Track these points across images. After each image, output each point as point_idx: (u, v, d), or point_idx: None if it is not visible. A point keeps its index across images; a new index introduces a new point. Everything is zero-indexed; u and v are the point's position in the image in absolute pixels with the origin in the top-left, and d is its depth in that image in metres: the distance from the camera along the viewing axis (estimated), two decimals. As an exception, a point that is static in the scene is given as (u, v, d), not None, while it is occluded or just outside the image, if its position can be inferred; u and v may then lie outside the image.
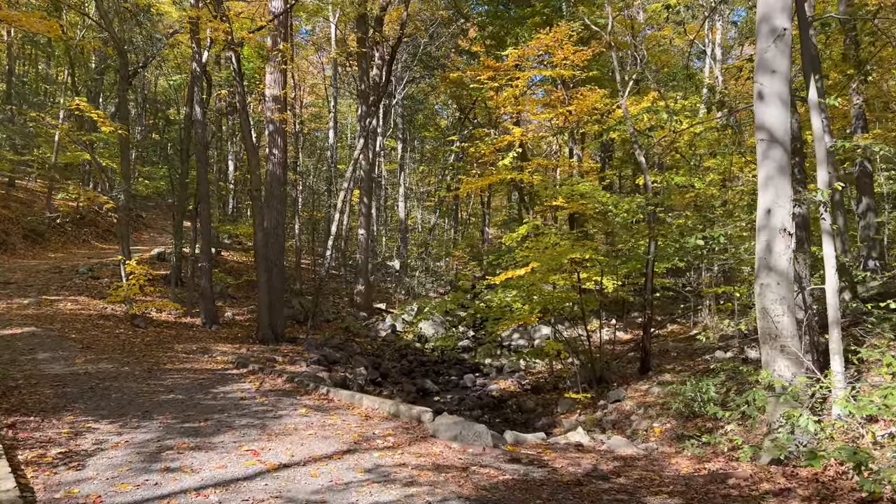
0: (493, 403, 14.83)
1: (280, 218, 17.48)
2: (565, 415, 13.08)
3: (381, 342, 20.51)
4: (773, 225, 6.76)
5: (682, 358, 15.70)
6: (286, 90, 17.10)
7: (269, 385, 10.71)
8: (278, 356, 14.60)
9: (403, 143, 34.22)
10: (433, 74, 34.41)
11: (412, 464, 6.43)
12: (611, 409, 12.21)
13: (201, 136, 18.32)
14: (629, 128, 15.45)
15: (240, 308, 21.85)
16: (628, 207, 11.46)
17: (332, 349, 16.61)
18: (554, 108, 15.41)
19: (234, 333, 18.21)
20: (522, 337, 22.37)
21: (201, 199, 18.50)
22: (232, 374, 11.68)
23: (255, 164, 16.43)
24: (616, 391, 12.66)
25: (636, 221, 16.86)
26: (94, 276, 21.40)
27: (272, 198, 17.20)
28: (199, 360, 13.01)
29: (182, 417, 8.17)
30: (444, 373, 18.63)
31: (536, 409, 13.98)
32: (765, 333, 6.92)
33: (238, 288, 23.84)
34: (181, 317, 19.39)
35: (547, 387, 15.64)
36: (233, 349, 14.93)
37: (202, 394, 9.74)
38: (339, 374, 14.62)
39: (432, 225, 34.42)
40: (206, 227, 18.58)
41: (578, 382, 14.68)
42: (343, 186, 19.43)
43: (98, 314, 17.38)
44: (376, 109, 21.72)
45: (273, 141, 17.29)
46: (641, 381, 13.91)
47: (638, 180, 17.21)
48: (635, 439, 10.44)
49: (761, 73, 6.94)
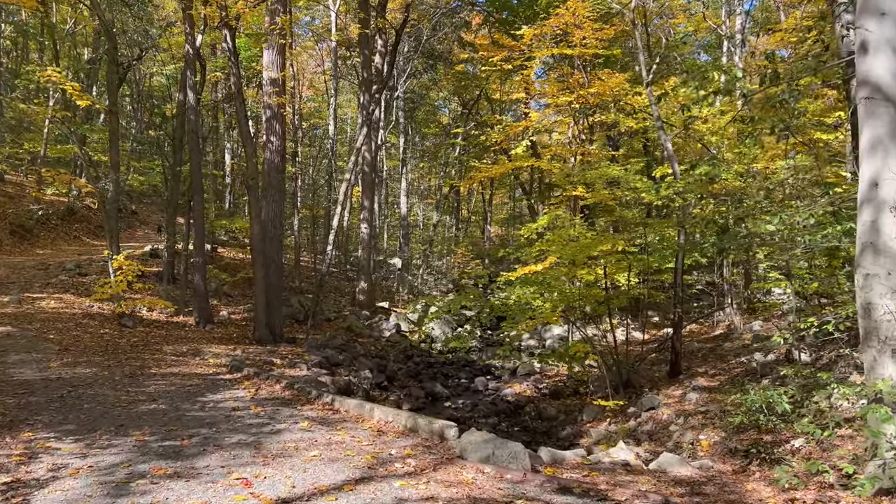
0: (510, 410, 13.52)
1: (278, 210, 16.15)
2: (592, 423, 11.78)
3: (386, 343, 19.19)
4: (882, 199, 5.46)
5: (713, 360, 14.42)
6: (285, 72, 15.78)
7: (265, 392, 9.39)
8: (276, 358, 13.29)
9: (405, 137, 32.88)
10: (435, 68, 33.13)
11: (443, 497, 5.12)
12: (645, 417, 10.90)
13: (194, 123, 16.98)
14: (654, 111, 14.19)
15: (236, 307, 20.52)
16: (665, 193, 10.14)
17: (334, 350, 15.29)
18: (572, 92, 14.11)
19: (230, 333, 16.89)
20: (532, 337, 21.09)
21: (194, 191, 17.17)
22: (224, 379, 10.35)
23: (252, 151, 15.11)
24: (649, 397, 11.35)
25: (657, 213, 15.59)
26: (82, 273, 20.05)
27: (270, 188, 15.87)
28: (188, 363, 11.68)
29: (162, 433, 6.85)
30: (454, 375, 17.32)
31: (558, 416, 12.68)
32: (870, 334, 5.62)
33: (234, 285, 22.50)
34: (173, 316, 18.05)
35: (566, 391, 14.33)
36: (227, 351, 13.61)
37: (189, 403, 8.41)
38: (343, 377, 13.30)
39: (436, 221, 33.08)
40: (200, 220, 17.25)
41: (603, 387, 13.39)
42: (345, 177, 18.11)
43: (83, 313, 16.03)
44: (380, 97, 20.40)
45: (271, 127, 15.96)
46: (673, 386, 12.61)
47: (656, 172, 15.95)
48: (680, 453, 9.15)
49: (866, 16, 5.64)
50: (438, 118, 42.25)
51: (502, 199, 57.30)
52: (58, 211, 29.38)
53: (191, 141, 17.10)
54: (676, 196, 10.15)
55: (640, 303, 19.28)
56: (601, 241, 10.66)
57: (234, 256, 25.76)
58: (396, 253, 33.17)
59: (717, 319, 19.21)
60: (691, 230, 13.84)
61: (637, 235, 13.84)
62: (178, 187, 19.58)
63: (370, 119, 20.37)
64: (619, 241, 10.67)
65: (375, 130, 23.83)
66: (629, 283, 12.81)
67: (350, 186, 19.43)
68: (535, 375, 15.89)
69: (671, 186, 9.92)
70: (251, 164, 15.02)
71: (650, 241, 12.70)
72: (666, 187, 10.10)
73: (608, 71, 15.00)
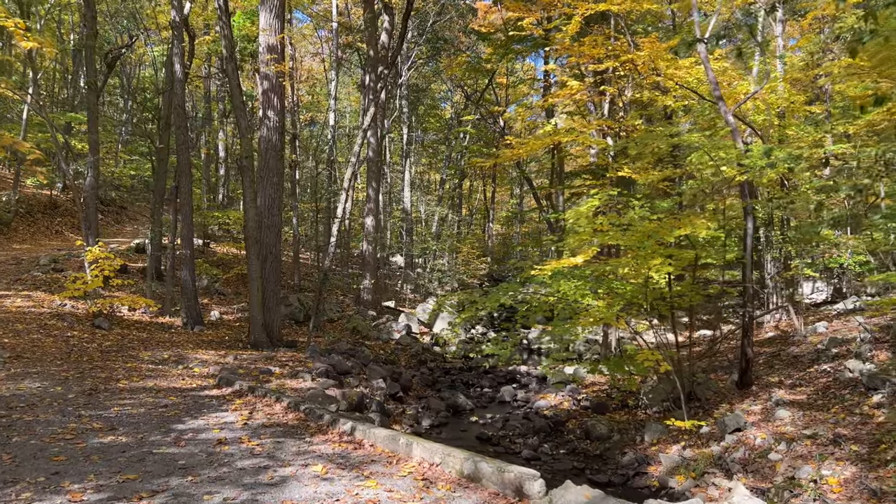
0: (549, 427, 11.27)
1: (276, 195, 13.88)
2: (658, 446, 9.55)
3: (396, 346, 16.93)
4: None
5: (781, 367, 12.24)
6: (283, 34, 13.49)
7: (262, 415, 7.13)
8: (275, 366, 11.03)
9: (409, 128, 30.60)
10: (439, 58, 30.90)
11: None
12: (731, 441, 8.68)
13: (180, 97, 14.70)
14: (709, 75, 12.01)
15: (229, 306, 18.22)
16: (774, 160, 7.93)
17: (341, 356, 13.03)
18: (616, 58, 11.90)
19: (221, 336, 14.61)
20: (553, 339, 18.88)
21: (181, 173, 14.88)
22: (211, 396, 8.08)
23: (245, 126, 12.84)
24: (733, 416, 9.12)
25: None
26: (58, 268, 17.68)
27: (267, 170, 13.60)
28: (168, 374, 9.40)
29: (113, 488, 4.59)
30: (474, 384, 15.07)
31: (611, 435, 10.44)
32: None
33: (228, 282, 20.19)
34: (157, 316, 15.75)
35: (612, 404, 12.13)
36: (217, 357, 11.33)
37: (160, 433, 6.15)
38: (354, 389, 11.04)
39: (444, 216, 30.83)
40: (188, 207, 14.95)
41: (660, 400, 11.18)
42: (350, 161, 15.86)
43: (52, 313, 13.71)
44: (387, 76, 18.14)
45: (268, 101, 13.69)
46: (747, 400, 10.41)
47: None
48: (799, 494, 6.96)
49: None
50: (440, 113, 40.00)
51: (504, 195, 55.11)
52: (39, 204, 27.03)
53: (177, 117, 14.82)
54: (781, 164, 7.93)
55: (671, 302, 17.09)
56: (680, 224, 8.45)
57: (228, 251, 23.42)
58: (399, 250, 30.89)
59: (757, 321, 17.05)
60: (765, 213, 11.70)
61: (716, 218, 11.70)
62: (165, 172, 17.25)
63: (377, 99, 18.14)
64: (700, 225, 8.46)
65: (382, 113, 21.57)
66: (694, 277, 10.60)
67: (355, 172, 17.17)
68: (571, 384, 13.66)
69: (779, 153, 7.69)
70: (245, 140, 12.75)
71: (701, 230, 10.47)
72: (766, 155, 7.87)
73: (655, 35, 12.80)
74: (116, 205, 31.91)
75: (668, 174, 11.38)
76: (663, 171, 11.13)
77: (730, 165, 9.31)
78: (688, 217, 9.10)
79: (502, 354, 11.19)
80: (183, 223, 15.05)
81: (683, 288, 9.74)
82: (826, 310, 16.57)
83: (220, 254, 22.93)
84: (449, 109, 39.55)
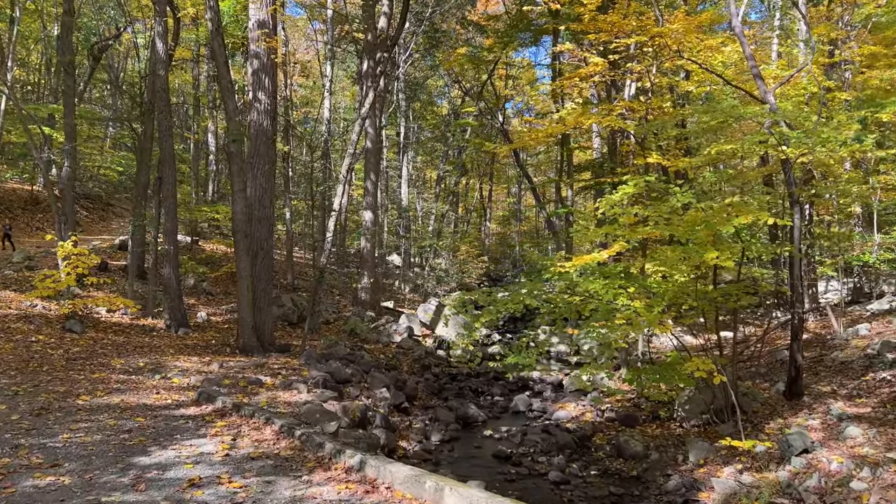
0: (574, 443, 9.89)
1: (268, 185, 12.47)
2: (707, 468, 8.20)
3: (397, 349, 15.54)
4: None
5: (827, 374, 10.94)
6: (275, 6, 12.06)
7: (248, 442, 5.72)
8: (265, 375, 9.63)
9: (406, 122, 29.17)
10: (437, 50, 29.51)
11: None
12: (798, 465, 7.33)
13: (163, 79, 13.27)
14: (745, 51, 10.71)
15: (217, 306, 16.77)
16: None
17: (339, 362, 11.62)
18: (645, 32, 10.58)
19: (207, 340, 13.18)
20: (563, 342, 17.54)
21: (164, 162, 13.43)
22: (187, 416, 6.66)
23: (233, 107, 11.42)
24: (798, 435, 7.76)
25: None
26: (31, 266, 16.20)
27: (257, 157, 12.18)
28: (141, 387, 7.97)
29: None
30: (484, 391, 13.71)
31: (647, 453, 9.08)
32: None
33: (216, 281, 18.74)
34: (139, 317, 14.32)
35: (641, 415, 10.78)
36: (200, 365, 9.91)
37: (116, 471, 4.75)
38: (355, 401, 9.65)
39: (444, 212, 29.44)
40: (172, 199, 13.51)
41: (698, 411, 9.84)
42: (348, 151, 14.46)
43: (19, 314, 12.25)
44: (386, 61, 16.75)
45: (258, 82, 12.27)
46: (802, 413, 9.09)
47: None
48: (905, 537, 5.66)
49: None
50: (437, 110, 38.59)
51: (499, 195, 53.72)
52: (19, 199, 25.50)
53: (160, 101, 13.38)
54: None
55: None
56: (740, 211, 7.11)
57: (217, 249, 21.95)
58: (396, 249, 29.47)
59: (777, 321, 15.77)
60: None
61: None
62: (149, 162, 15.80)
63: (376, 85, 16.74)
64: (764, 214, 7.12)
65: (380, 103, 20.17)
66: (739, 273, 9.27)
67: (353, 162, 15.77)
68: (592, 392, 12.30)
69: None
70: (233, 123, 11.33)
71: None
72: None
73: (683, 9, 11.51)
74: (102, 201, 30.35)
75: (705, 159, 10.04)
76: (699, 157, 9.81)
77: (769, 147, 7.97)
78: (744, 204, 7.76)
79: (526, 364, 9.79)
80: (167, 216, 13.60)
81: (730, 287, 8.39)
82: (855, 310, 15.35)
83: (209, 251, 21.46)
84: (446, 106, 38.20)
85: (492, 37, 25.43)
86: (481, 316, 8.90)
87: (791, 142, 7.88)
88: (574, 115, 10.97)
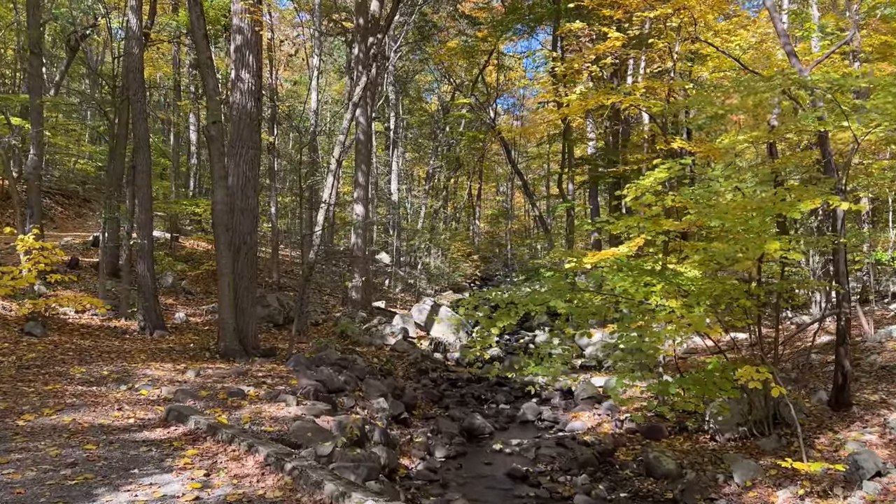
0: (595, 459, 8.73)
1: (252, 173, 11.21)
2: (756, 491, 7.06)
3: (391, 353, 14.33)
4: None
5: (871, 381, 9.89)
6: (262, -26, 10.83)
7: (225, 479, 4.49)
8: (249, 384, 8.39)
9: (396, 116, 27.92)
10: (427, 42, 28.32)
11: None
12: (872, 490, 6.22)
13: (137, 57, 11.97)
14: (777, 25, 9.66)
15: (197, 306, 15.45)
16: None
17: (331, 368, 10.38)
18: (670, 3, 9.48)
19: (185, 343, 11.89)
20: (564, 344, 16.37)
21: (137, 148, 12.13)
22: (151, 440, 5.41)
23: (214, 85, 10.16)
24: (868, 455, 6.66)
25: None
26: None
27: (240, 142, 10.92)
28: (101, 401, 6.70)
29: None
30: (487, 398, 12.54)
31: (682, 472, 7.94)
32: None
33: (197, 280, 17.41)
34: (111, 318, 12.98)
35: (666, 427, 9.66)
36: (174, 373, 8.65)
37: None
38: (353, 414, 8.44)
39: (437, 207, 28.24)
40: (146, 189, 12.20)
41: (734, 423, 8.72)
42: (338, 139, 13.24)
43: (-27, 315, 10.91)
44: (380, 42, 15.53)
45: (241, 59, 11.01)
46: (855, 426, 8.02)
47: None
48: None
49: None
50: (426, 106, 37.37)
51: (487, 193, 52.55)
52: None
53: (133, 82, 12.08)
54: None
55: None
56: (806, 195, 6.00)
57: (199, 245, 20.60)
58: (385, 247, 28.20)
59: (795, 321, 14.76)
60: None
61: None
62: (124, 151, 14.47)
63: (368, 70, 15.49)
64: (833, 196, 6.02)
65: (372, 90, 18.93)
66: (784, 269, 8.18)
67: (344, 151, 14.54)
68: (609, 401, 11.16)
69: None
70: (213, 102, 10.06)
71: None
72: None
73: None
74: (79, 197, 28.81)
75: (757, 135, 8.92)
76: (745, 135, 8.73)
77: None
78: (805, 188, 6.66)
79: (549, 374, 8.62)
80: (140, 208, 12.30)
81: (783, 283, 7.29)
82: (875, 309, 14.37)
83: (189, 248, 20.11)
84: (435, 101, 37.02)
85: (485, 28, 24.34)
86: (497, 320, 7.71)
87: (851, 118, 6.78)
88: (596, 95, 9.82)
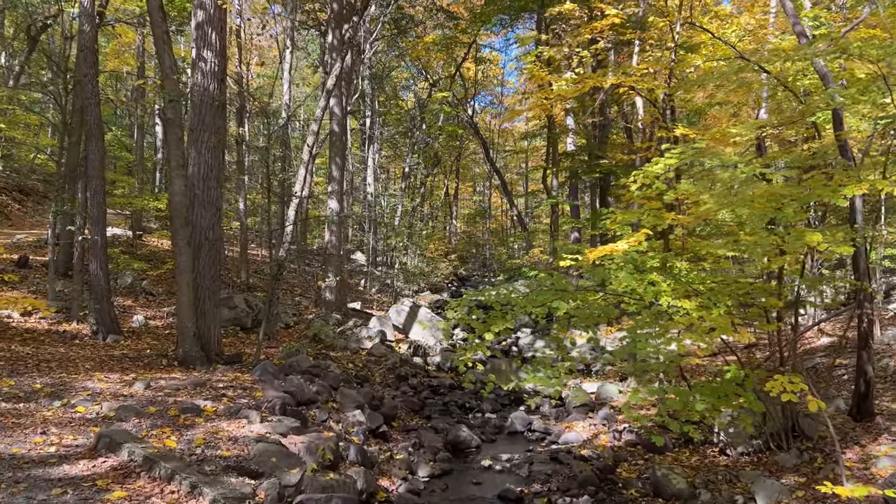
0: (595, 477, 7.79)
1: (214, 162, 10.08)
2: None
3: (367, 357, 13.28)
4: None
5: (891, 387, 9.13)
6: (225, -61, 9.71)
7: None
8: (206, 397, 7.32)
9: (372, 112, 26.82)
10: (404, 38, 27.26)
11: None
12: (924, 520, 5.37)
13: (88, 35, 10.77)
14: (790, 13, 8.88)
15: (158, 308, 14.24)
16: None
17: (301, 377, 9.32)
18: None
19: (140, 349, 10.73)
20: (548, 345, 15.51)
21: (90, 136, 10.94)
22: (69, 479, 4.32)
23: (170, 63, 9.04)
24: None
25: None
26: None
27: (201, 127, 9.80)
28: (21, 424, 5.57)
29: None
30: (472, 406, 11.55)
31: (696, 493, 7.03)
32: None
33: (159, 280, 16.17)
34: (61, 322, 11.76)
35: (669, 439, 8.77)
36: (120, 385, 7.53)
37: None
38: (325, 430, 7.40)
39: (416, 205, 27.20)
40: (98, 181, 11.01)
41: (746, 436, 7.85)
42: (311, 129, 12.16)
43: None
44: (356, 26, 14.48)
45: (203, 37, 9.88)
46: (883, 438, 7.20)
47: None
48: None
49: None
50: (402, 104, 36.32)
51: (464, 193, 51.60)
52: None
53: (84, 63, 10.88)
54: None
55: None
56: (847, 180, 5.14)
57: (162, 244, 19.32)
58: (360, 247, 27.09)
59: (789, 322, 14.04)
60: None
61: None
62: (79, 140, 13.22)
63: (343, 57, 14.42)
64: (882, 181, 5.18)
65: (348, 81, 17.83)
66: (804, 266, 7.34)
67: (318, 142, 13.47)
68: (604, 409, 10.25)
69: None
70: (170, 82, 8.94)
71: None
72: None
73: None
74: (39, 193, 27.27)
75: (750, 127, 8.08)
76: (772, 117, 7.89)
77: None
78: (846, 174, 5.79)
79: (552, 387, 7.63)
80: (92, 201, 11.10)
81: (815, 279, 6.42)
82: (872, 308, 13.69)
83: (152, 246, 18.84)
84: (411, 98, 35.99)
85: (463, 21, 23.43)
86: (491, 324, 6.73)
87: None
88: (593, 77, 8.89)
